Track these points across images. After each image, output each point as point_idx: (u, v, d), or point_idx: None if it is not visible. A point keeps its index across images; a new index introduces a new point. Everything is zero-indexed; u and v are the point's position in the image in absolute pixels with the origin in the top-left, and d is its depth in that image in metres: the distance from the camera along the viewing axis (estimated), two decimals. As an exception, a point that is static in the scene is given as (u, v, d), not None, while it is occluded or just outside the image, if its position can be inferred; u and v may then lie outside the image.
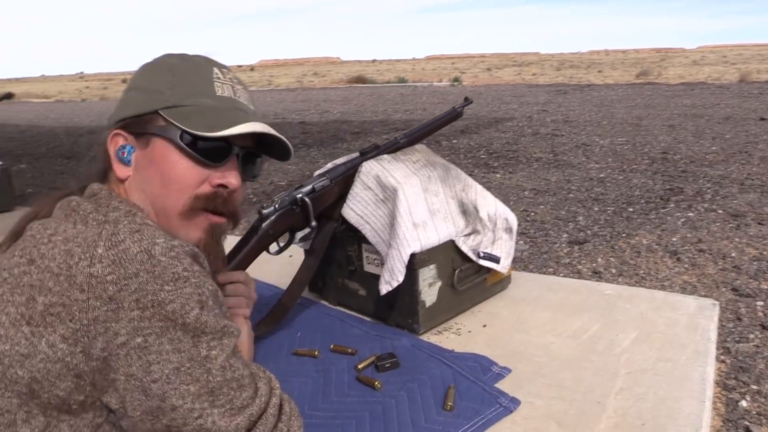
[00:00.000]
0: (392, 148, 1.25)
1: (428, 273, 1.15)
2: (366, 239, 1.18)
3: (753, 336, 2.01)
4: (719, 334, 1.39)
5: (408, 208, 1.13)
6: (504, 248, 1.28)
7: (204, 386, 0.64)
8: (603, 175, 4.45)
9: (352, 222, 1.18)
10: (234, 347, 0.68)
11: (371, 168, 1.18)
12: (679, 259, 2.72)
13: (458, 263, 1.20)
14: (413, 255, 1.11)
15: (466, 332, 1.17)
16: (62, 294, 0.61)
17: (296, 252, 1.27)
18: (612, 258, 2.79)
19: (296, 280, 1.21)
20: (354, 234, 1.21)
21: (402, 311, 1.17)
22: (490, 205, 1.28)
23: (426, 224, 1.14)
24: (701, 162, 4.71)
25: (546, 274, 2.46)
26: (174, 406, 0.63)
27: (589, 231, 3.21)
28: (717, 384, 1.73)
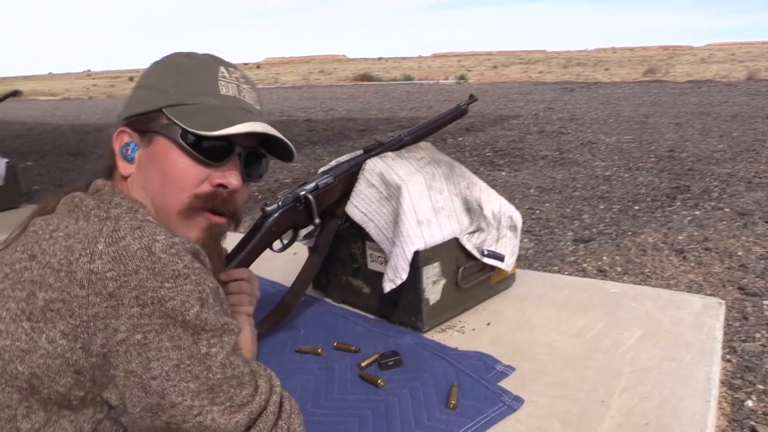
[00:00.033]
0: (396, 146, 1.25)
1: (432, 271, 1.15)
2: (370, 237, 1.17)
3: (759, 335, 2.00)
4: (725, 333, 1.38)
5: (412, 206, 1.12)
6: (508, 246, 1.27)
7: (204, 383, 0.64)
8: (609, 173, 4.43)
9: (356, 219, 1.18)
10: (234, 345, 0.68)
11: (375, 165, 1.17)
12: (685, 258, 2.70)
13: (462, 261, 1.20)
14: (417, 253, 1.11)
15: (470, 330, 1.16)
16: (62, 290, 0.61)
17: (300, 249, 1.27)
18: (617, 256, 2.78)
19: (300, 278, 1.21)
20: (358, 231, 1.20)
21: (406, 309, 1.17)
22: (495, 203, 1.28)
23: (430, 222, 1.14)
24: (708, 160, 4.68)
25: (551, 273, 2.46)
26: (173, 403, 0.63)
27: (595, 229, 3.19)
28: (723, 383, 1.72)
